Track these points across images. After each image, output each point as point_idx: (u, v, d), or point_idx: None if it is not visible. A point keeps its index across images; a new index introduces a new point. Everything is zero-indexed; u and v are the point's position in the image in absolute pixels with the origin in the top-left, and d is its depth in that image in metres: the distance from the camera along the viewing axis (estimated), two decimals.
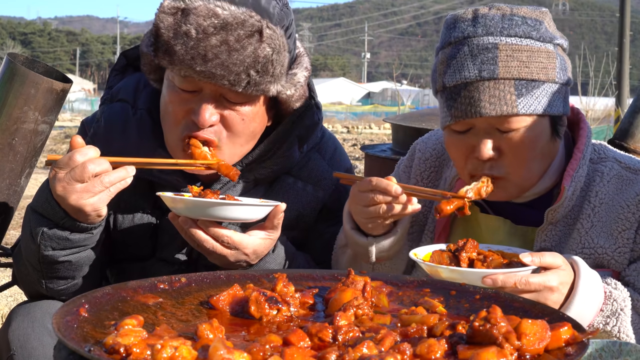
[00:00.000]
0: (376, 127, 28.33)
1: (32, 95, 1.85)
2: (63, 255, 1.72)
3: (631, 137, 2.97)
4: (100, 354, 1.00)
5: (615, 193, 1.83)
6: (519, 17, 1.75)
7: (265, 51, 1.74)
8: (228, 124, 1.81)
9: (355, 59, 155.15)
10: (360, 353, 1.01)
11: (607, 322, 1.65)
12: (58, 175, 1.61)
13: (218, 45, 1.70)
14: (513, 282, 1.48)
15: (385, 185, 1.69)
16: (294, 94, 1.88)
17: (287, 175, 2.00)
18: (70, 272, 1.78)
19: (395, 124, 5.24)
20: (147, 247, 1.96)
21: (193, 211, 1.69)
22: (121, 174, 1.64)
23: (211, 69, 1.70)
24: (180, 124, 1.81)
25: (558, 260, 1.55)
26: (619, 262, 1.80)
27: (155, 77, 1.90)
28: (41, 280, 1.79)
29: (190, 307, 1.29)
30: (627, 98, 16.00)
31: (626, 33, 16.76)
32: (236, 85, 1.74)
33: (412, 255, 1.62)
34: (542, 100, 1.73)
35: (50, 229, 1.68)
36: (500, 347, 1.00)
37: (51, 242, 1.70)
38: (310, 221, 2.02)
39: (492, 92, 1.70)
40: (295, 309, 1.27)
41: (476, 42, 1.73)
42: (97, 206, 1.64)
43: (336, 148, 2.11)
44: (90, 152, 1.62)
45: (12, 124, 1.86)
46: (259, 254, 1.76)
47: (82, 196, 1.61)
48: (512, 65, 1.71)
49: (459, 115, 1.73)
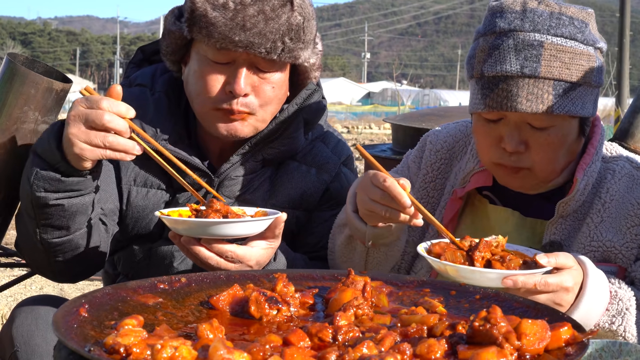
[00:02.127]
0: (376, 127, 28.33)
1: (32, 95, 1.85)
2: (54, 199, 1.71)
3: (631, 137, 2.96)
4: (100, 354, 1.00)
5: (626, 191, 1.86)
6: (567, 16, 1.75)
7: (297, 19, 1.87)
8: (259, 93, 1.91)
9: (355, 59, 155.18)
10: (360, 353, 1.01)
11: (612, 322, 1.66)
12: (78, 107, 1.63)
13: (255, 14, 1.81)
14: (533, 283, 1.48)
15: (396, 194, 1.63)
16: (315, 62, 2.01)
17: (292, 160, 2.06)
18: (64, 221, 1.75)
19: (395, 124, 5.24)
20: (157, 225, 1.99)
21: (196, 231, 1.68)
22: (126, 144, 1.63)
23: (249, 37, 1.81)
24: (213, 96, 1.88)
25: (570, 261, 1.56)
26: (626, 257, 1.81)
27: (176, 58, 1.97)
28: (35, 230, 1.77)
29: (190, 307, 1.29)
30: (627, 98, 16.00)
31: (626, 33, 16.75)
32: (272, 53, 1.85)
33: (421, 251, 1.58)
34: (576, 102, 1.74)
35: (43, 170, 1.68)
36: (500, 347, 1.00)
37: (43, 183, 1.69)
38: (314, 202, 2.06)
39: (531, 90, 1.71)
40: (295, 309, 1.27)
41: (522, 37, 1.73)
42: (84, 154, 1.62)
43: (339, 139, 2.18)
44: (120, 107, 1.62)
45: (12, 124, 1.86)
46: (262, 264, 1.77)
47: (79, 136, 1.61)
48: (554, 66, 1.72)
49: (493, 106, 1.74)
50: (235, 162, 1.99)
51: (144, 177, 1.98)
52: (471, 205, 1.97)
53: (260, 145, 1.99)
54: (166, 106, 1.99)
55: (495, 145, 1.80)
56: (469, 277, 1.47)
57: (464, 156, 2.03)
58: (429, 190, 2.04)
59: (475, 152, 1.98)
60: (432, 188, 2.04)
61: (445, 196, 2.01)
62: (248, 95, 1.89)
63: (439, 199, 2.02)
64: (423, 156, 2.09)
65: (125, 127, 1.63)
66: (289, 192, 2.03)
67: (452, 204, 1.96)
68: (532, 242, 1.87)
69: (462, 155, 2.04)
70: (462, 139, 2.07)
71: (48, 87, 1.87)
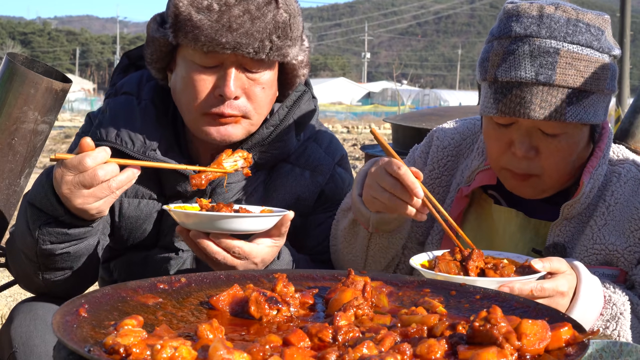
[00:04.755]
0: (376, 127, 28.33)
1: (31, 95, 1.85)
2: (61, 248, 1.72)
3: (631, 137, 2.96)
4: (100, 354, 0.99)
5: (631, 195, 1.85)
6: (583, 23, 1.73)
7: (283, 16, 1.85)
8: (250, 95, 1.89)
9: (355, 59, 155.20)
10: (360, 353, 1.01)
11: (607, 326, 1.66)
12: (65, 178, 1.60)
13: (241, 15, 1.79)
14: (529, 289, 1.48)
15: (409, 183, 1.63)
16: (304, 59, 1.98)
17: (285, 162, 2.04)
18: (69, 263, 1.77)
19: (395, 124, 5.24)
20: (151, 234, 1.98)
21: (206, 225, 1.69)
22: (128, 175, 1.64)
23: (237, 38, 1.79)
24: (203, 101, 1.86)
25: (563, 266, 1.56)
26: (628, 260, 1.81)
27: (161, 65, 1.94)
28: (37, 272, 1.78)
29: (190, 307, 1.28)
30: (627, 98, 16.01)
31: (626, 33, 16.76)
32: (260, 52, 1.83)
33: (414, 264, 1.58)
34: (588, 110, 1.73)
35: (49, 225, 1.68)
36: (501, 348, 1.00)
37: (50, 237, 1.70)
38: (309, 205, 2.04)
39: (545, 97, 1.69)
40: (295, 309, 1.27)
41: (538, 43, 1.71)
42: (102, 209, 1.65)
43: (332, 138, 2.16)
44: (101, 156, 1.60)
45: (12, 124, 1.86)
46: (266, 262, 1.77)
47: (88, 200, 1.61)
48: (569, 74, 1.70)
49: (505, 112, 1.72)
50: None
51: (135, 188, 1.96)
52: (476, 204, 1.97)
53: (252, 151, 1.97)
54: (154, 114, 1.96)
55: (505, 150, 1.79)
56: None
57: (471, 154, 2.02)
58: (435, 187, 2.03)
59: (481, 150, 1.97)
60: (438, 185, 2.03)
61: (451, 194, 2.00)
62: (239, 98, 1.87)
63: (444, 196, 2.02)
64: (430, 152, 2.07)
65: (117, 168, 1.63)
66: (283, 197, 2.01)
67: (457, 202, 1.95)
68: (535, 244, 1.87)
69: (468, 153, 2.03)
70: (470, 137, 2.05)
71: (47, 87, 1.87)
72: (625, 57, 16.82)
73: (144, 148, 1.90)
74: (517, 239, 1.88)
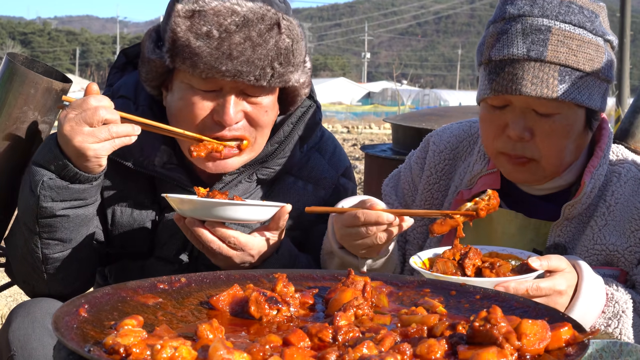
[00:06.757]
0: (376, 127, 28.30)
1: (31, 95, 1.85)
2: (61, 208, 1.72)
3: (631, 137, 2.96)
4: (100, 354, 1.00)
5: (631, 195, 1.85)
6: (576, 5, 1.76)
7: (285, 42, 1.79)
8: (253, 119, 1.84)
9: (355, 59, 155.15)
10: (360, 353, 1.01)
11: (608, 324, 1.66)
12: (68, 115, 1.64)
13: (242, 42, 1.73)
14: (525, 288, 1.48)
15: (375, 218, 1.63)
16: (305, 80, 1.93)
17: (288, 174, 2.01)
18: (67, 233, 1.76)
19: (396, 124, 5.24)
20: (145, 244, 1.95)
21: (201, 212, 1.68)
22: (128, 128, 1.67)
23: (237, 66, 1.73)
24: (199, 125, 1.81)
25: (563, 264, 1.56)
26: (629, 260, 1.81)
27: (157, 84, 1.90)
28: (37, 242, 1.76)
29: (190, 307, 1.28)
30: (627, 98, 15.98)
31: (626, 33, 16.74)
32: (261, 80, 1.77)
33: (413, 263, 1.58)
34: (582, 91, 1.74)
35: (50, 179, 1.69)
36: (501, 348, 1.00)
37: (51, 192, 1.69)
38: (311, 220, 2.01)
39: (536, 73, 1.71)
40: (295, 309, 1.27)
41: (530, 22, 1.73)
42: (99, 153, 1.65)
43: (336, 147, 2.12)
44: (105, 101, 1.66)
45: (12, 124, 1.86)
46: (264, 256, 1.76)
47: (86, 139, 1.63)
48: (561, 51, 1.72)
49: (498, 90, 1.73)
50: (229, 182, 1.93)
51: (127, 197, 1.94)
52: None
53: (255, 166, 1.94)
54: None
55: (500, 134, 1.79)
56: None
57: (469, 157, 2.02)
58: (433, 192, 2.03)
59: (483, 154, 1.97)
60: (436, 189, 2.03)
61: (449, 197, 2.00)
62: (239, 122, 1.83)
63: (442, 200, 2.02)
64: (426, 157, 2.07)
65: (118, 116, 1.67)
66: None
67: (457, 205, 1.95)
68: (535, 244, 1.87)
69: (466, 156, 2.03)
70: (466, 139, 2.05)
71: (48, 87, 1.86)
72: (625, 57, 16.79)
73: (142, 156, 1.89)
74: (517, 240, 1.88)
